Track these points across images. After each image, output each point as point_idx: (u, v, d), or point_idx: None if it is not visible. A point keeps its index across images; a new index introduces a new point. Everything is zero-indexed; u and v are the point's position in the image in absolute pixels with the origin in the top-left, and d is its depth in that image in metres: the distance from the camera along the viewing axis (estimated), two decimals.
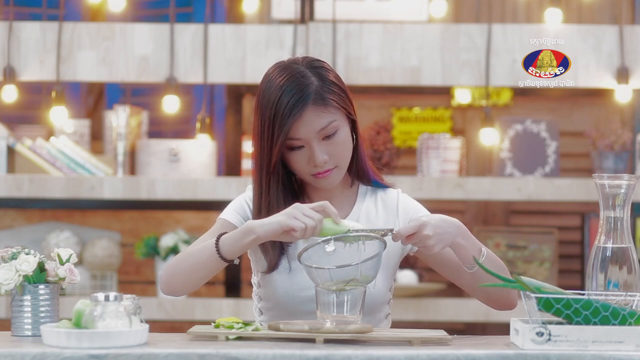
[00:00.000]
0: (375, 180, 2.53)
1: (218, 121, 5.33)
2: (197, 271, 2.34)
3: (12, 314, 2.29)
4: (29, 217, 5.07)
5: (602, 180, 2.22)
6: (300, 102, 2.36)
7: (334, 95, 2.39)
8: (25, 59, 4.40)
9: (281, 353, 1.99)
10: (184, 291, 2.38)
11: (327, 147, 2.39)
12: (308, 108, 2.36)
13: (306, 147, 2.39)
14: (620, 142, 4.44)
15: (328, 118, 2.38)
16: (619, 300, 2.14)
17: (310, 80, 2.38)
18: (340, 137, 2.40)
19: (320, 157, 2.38)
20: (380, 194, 2.54)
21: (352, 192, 2.53)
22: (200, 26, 4.44)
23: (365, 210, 2.50)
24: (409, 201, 2.55)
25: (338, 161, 2.42)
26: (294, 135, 2.37)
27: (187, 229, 4.89)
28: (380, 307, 2.50)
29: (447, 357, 2.00)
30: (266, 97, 2.39)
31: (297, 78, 2.38)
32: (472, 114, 5.73)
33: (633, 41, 4.39)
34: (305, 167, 2.41)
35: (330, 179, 2.43)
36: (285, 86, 2.37)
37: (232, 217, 2.47)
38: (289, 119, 2.35)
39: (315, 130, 2.37)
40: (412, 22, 5.27)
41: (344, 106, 2.41)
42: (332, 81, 2.41)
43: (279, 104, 2.36)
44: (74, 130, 4.64)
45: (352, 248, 2.24)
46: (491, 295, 2.45)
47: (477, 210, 5.66)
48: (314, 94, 2.37)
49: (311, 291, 2.32)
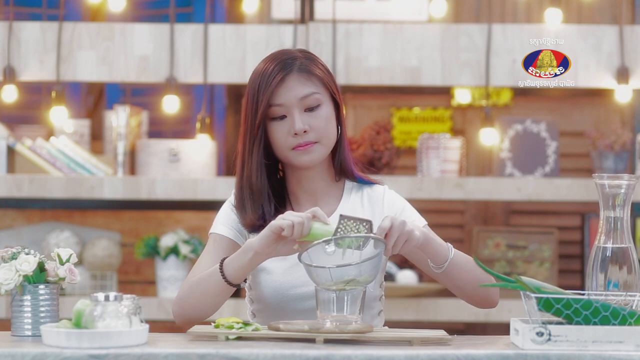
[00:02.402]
0: (359, 177, 2.54)
1: (218, 121, 5.33)
2: (208, 300, 2.37)
3: (12, 314, 2.29)
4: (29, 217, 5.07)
5: (602, 180, 2.22)
6: (285, 68, 2.42)
7: (320, 72, 2.45)
8: (25, 59, 4.40)
9: (281, 353, 1.99)
10: (200, 319, 2.41)
11: (308, 119, 2.43)
12: (292, 74, 2.42)
13: (287, 117, 2.42)
14: (620, 142, 4.44)
15: (311, 88, 2.43)
16: (619, 300, 2.14)
17: (297, 56, 2.46)
18: (322, 112, 2.44)
19: (300, 124, 2.40)
20: (366, 190, 2.55)
21: (338, 187, 2.54)
22: (200, 26, 4.44)
23: (351, 206, 2.51)
24: (395, 197, 2.55)
25: (319, 136, 2.43)
26: (275, 100, 2.41)
27: (187, 229, 4.89)
28: (372, 304, 2.50)
29: (447, 357, 2.00)
30: (254, 72, 2.46)
31: (285, 53, 2.47)
32: (472, 114, 5.73)
33: (633, 41, 4.39)
34: (285, 138, 2.42)
35: (311, 154, 2.43)
36: (273, 59, 2.45)
37: (223, 230, 2.48)
38: (272, 82, 2.40)
39: (297, 97, 2.41)
40: (412, 22, 5.26)
41: (329, 85, 2.46)
42: (318, 61, 2.48)
43: (264, 73, 2.43)
44: (74, 130, 4.64)
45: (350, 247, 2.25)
46: (469, 291, 2.44)
47: (477, 210, 5.66)
48: (299, 64, 2.44)
49: (301, 289, 2.34)
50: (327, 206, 2.50)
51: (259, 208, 2.44)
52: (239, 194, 2.47)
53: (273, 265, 2.45)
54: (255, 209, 2.44)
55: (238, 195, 2.47)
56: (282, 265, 2.44)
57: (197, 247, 4.50)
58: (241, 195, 2.47)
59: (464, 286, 2.43)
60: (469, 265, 2.42)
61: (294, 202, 2.51)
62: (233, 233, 2.47)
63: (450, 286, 2.45)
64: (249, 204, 2.45)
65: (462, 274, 2.41)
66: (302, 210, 2.46)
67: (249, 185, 2.45)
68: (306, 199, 2.51)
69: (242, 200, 2.46)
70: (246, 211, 2.45)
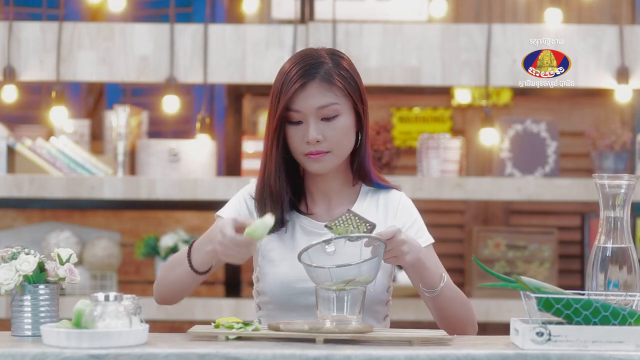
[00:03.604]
0: (377, 182, 2.53)
1: (218, 121, 5.33)
2: (179, 285, 2.41)
3: (12, 314, 2.29)
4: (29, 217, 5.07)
5: (602, 180, 2.22)
6: (308, 75, 2.40)
7: (343, 80, 2.42)
8: (25, 59, 4.40)
9: (281, 353, 2.00)
10: (175, 301, 2.46)
11: (323, 128, 2.41)
12: (313, 82, 2.40)
13: (304, 123, 2.41)
14: (620, 142, 4.44)
15: (330, 98, 2.41)
16: (619, 300, 2.14)
17: (324, 61, 2.43)
18: (339, 123, 2.42)
19: (314, 134, 2.39)
20: (382, 195, 2.54)
21: (353, 191, 2.54)
22: (200, 26, 4.44)
23: (365, 209, 2.51)
24: (410, 207, 2.54)
25: (332, 146, 2.42)
26: (293, 105, 2.40)
27: (187, 229, 4.89)
28: (377, 307, 2.50)
29: (447, 357, 2.00)
30: (281, 71, 2.45)
31: (312, 56, 2.44)
32: (472, 114, 5.73)
33: (633, 41, 4.39)
34: (299, 144, 2.42)
35: (322, 163, 2.43)
36: (299, 61, 2.43)
37: (228, 214, 2.48)
38: (293, 87, 2.39)
39: (315, 107, 2.40)
40: (412, 22, 5.27)
41: (352, 95, 2.43)
42: (345, 68, 2.44)
43: (288, 74, 2.41)
44: (74, 130, 4.64)
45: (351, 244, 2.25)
46: (448, 323, 2.43)
47: (477, 210, 5.66)
48: (323, 72, 2.41)
49: (307, 283, 2.33)
50: (340, 207, 2.50)
51: (279, 209, 2.45)
52: (260, 193, 2.48)
53: (280, 257, 2.46)
54: (274, 210, 2.44)
55: (259, 195, 2.48)
56: (290, 258, 2.44)
57: None
58: (262, 195, 2.47)
59: (444, 317, 2.43)
60: (456, 301, 2.42)
61: (310, 200, 2.51)
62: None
63: (433, 311, 2.45)
64: (269, 204, 2.46)
65: (446, 305, 2.41)
66: (317, 208, 2.49)
67: (268, 185, 2.46)
68: (321, 198, 2.51)
69: (262, 199, 2.47)
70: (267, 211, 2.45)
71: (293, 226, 2.47)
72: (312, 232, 2.45)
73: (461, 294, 2.44)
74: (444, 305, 2.41)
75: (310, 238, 2.40)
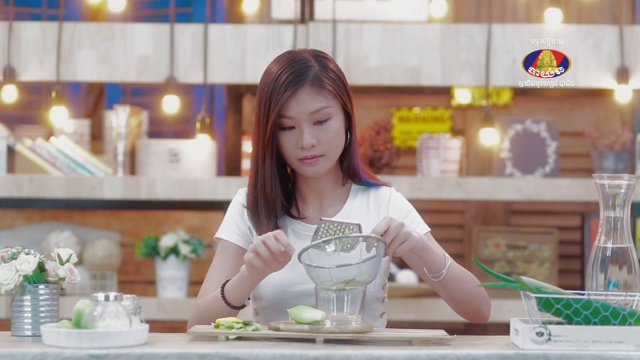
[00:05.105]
0: (366, 180, 2.54)
1: (218, 121, 5.33)
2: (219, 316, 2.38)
3: (12, 314, 2.29)
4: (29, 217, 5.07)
5: (602, 180, 2.22)
6: (298, 81, 2.40)
7: (332, 83, 2.43)
8: (25, 59, 4.40)
9: (281, 353, 1.99)
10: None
11: (317, 132, 2.41)
12: (304, 88, 2.40)
13: (297, 129, 2.41)
14: (620, 142, 4.44)
15: (322, 102, 2.41)
16: (619, 300, 2.14)
17: (311, 64, 2.43)
18: (331, 125, 2.42)
19: (308, 139, 2.39)
20: (372, 192, 2.55)
21: (344, 190, 2.54)
22: (200, 26, 4.44)
23: (356, 208, 2.51)
24: (401, 201, 2.55)
25: (326, 150, 2.43)
26: (286, 112, 2.40)
27: (187, 229, 4.89)
28: (374, 305, 2.50)
29: (447, 357, 2.00)
30: (267, 75, 2.45)
31: (299, 60, 2.43)
32: (472, 114, 5.73)
33: (633, 41, 4.39)
34: (293, 149, 2.42)
35: (316, 167, 2.43)
36: (286, 66, 2.42)
37: (229, 236, 2.49)
38: (284, 95, 2.38)
39: (307, 112, 2.40)
40: (412, 22, 5.27)
41: (341, 96, 2.44)
42: (332, 69, 2.45)
43: (277, 81, 2.41)
44: (74, 130, 4.64)
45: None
46: (461, 304, 2.45)
47: (477, 210, 5.66)
48: (312, 76, 2.41)
49: (303, 286, 2.35)
50: (333, 207, 2.51)
51: (273, 217, 2.45)
52: (253, 205, 2.47)
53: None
54: (270, 219, 2.44)
55: (252, 206, 2.47)
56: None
57: (197, 247, 4.50)
58: (255, 205, 2.46)
59: (456, 298, 2.43)
60: (463, 278, 2.42)
61: (301, 203, 2.51)
62: (239, 239, 2.49)
63: (444, 295, 2.45)
64: (264, 213, 2.45)
65: (456, 286, 2.41)
66: (309, 210, 2.49)
67: (263, 194, 2.45)
68: (313, 199, 2.51)
69: (256, 210, 2.46)
70: (261, 222, 2.45)
71: (285, 231, 2.47)
72: (304, 236, 2.45)
73: (466, 271, 2.44)
74: (454, 285, 2.40)
75: (303, 242, 2.39)
